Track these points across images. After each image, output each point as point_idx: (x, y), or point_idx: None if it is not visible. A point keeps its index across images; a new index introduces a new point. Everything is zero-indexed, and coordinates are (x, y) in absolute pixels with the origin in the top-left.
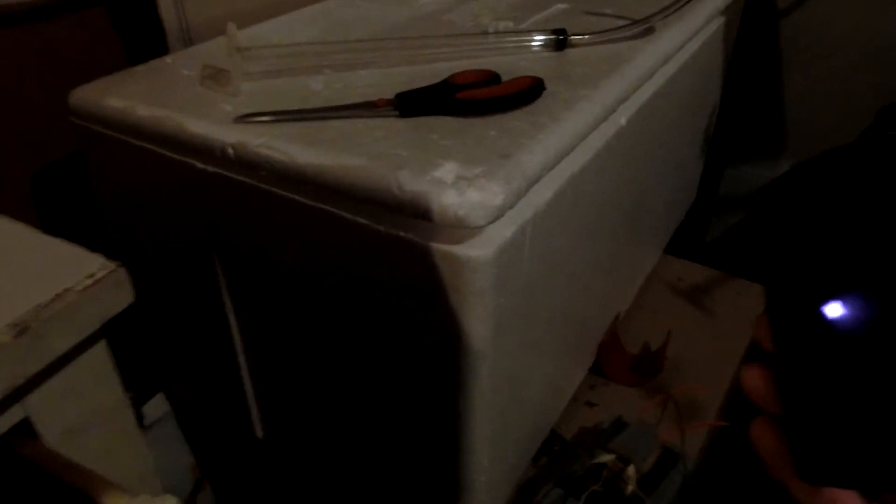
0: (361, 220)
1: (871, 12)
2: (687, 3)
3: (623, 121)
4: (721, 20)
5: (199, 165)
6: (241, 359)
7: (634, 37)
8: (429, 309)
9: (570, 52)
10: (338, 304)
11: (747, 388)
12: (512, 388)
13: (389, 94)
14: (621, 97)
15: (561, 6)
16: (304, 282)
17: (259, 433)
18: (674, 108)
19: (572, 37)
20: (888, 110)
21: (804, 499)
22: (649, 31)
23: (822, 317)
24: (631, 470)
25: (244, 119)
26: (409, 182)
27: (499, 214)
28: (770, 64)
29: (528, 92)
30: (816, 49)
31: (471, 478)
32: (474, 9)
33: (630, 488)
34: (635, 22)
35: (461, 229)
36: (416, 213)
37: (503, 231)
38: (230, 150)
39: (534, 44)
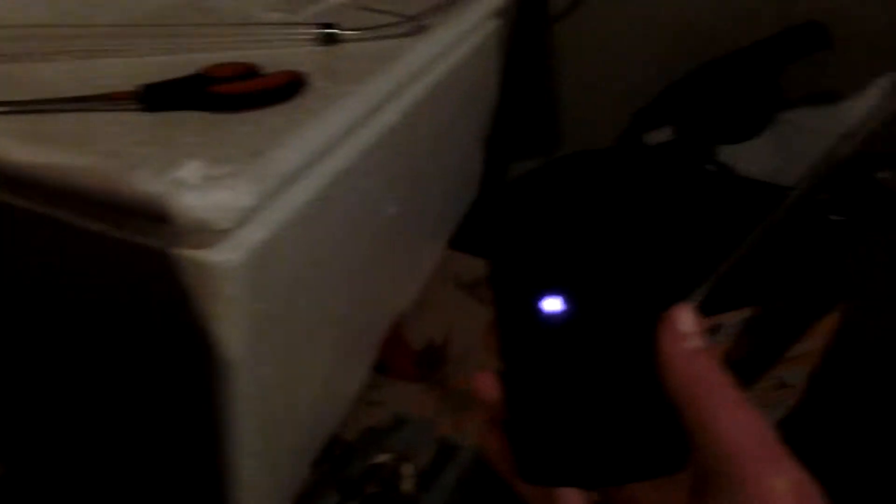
0: (93, 226)
1: (634, 22)
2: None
3: (394, 118)
4: (495, 22)
5: None
6: None
7: (405, 34)
8: (179, 320)
9: (338, 47)
10: (81, 318)
11: (476, 392)
12: (279, 398)
13: (133, 86)
14: (388, 94)
15: (338, 0)
16: (39, 296)
17: None
18: (448, 106)
19: (341, 32)
20: (642, 113)
21: (529, 499)
22: (421, 29)
23: (538, 311)
24: (407, 467)
25: None
26: (146, 183)
27: (248, 216)
28: (545, 65)
29: (286, 87)
30: (586, 53)
31: (236, 496)
32: None
33: (408, 486)
34: (406, 19)
35: (207, 233)
36: (154, 216)
37: (256, 233)
38: None
39: (301, 37)
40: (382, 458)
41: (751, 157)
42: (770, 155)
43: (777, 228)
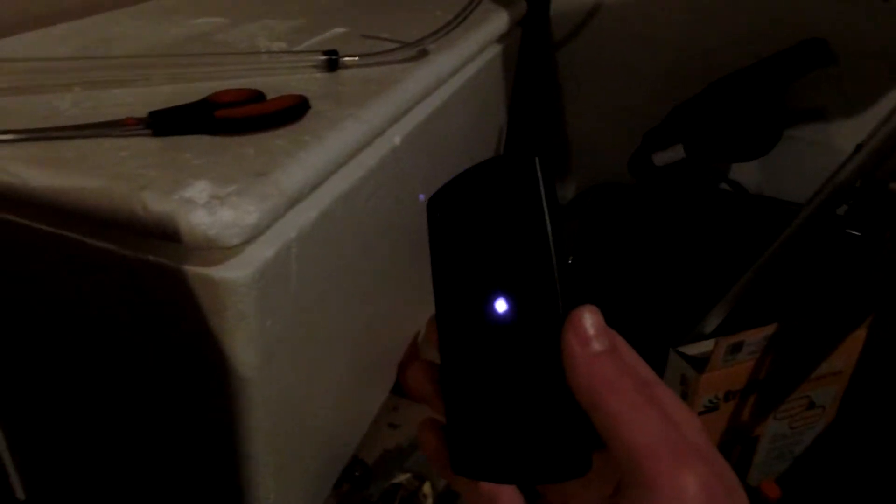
0: (107, 247)
1: (638, 43)
2: (456, 26)
3: (397, 140)
4: (497, 47)
5: None
6: None
7: (406, 59)
8: (190, 337)
9: (341, 73)
10: (96, 339)
11: (408, 386)
12: (296, 417)
13: (144, 114)
14: (391, 117)
15: (339, 30)
16: (54, 318)
17: (20, 494)
18: (453, 129)
19: (344, 58)
20: (652, 134)
21: (466, 495)
22: (422, 54)
23: (481, 309)
24: (427, 487)
25: None
26: (155, 202)
27: (254, 234)
28: (551, 90)
29: (290, 110)
30: (592, 76)
31: None
32: (251, 30)
33: None
34: (407, 45)
35: (215, 250)
36: (164, 234)
37: (264, 251)
38: None
39: (305, 64)
40: (402, 478)
41: (762, 175)
42: (781, 171)
43: (794, 244)
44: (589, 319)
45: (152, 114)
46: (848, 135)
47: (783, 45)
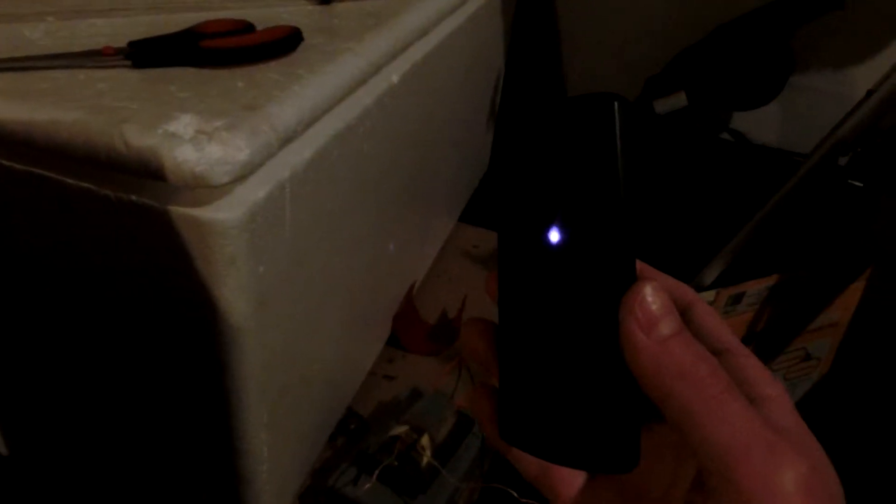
0: (86, 185)
1: None
2: None
3: (395, 78)
4: None
5: None
6: None
7: None
8: (178, 284)
9: (336, 6)
10: (78, 287)
11: (465, 344)
12: (290, 368)
13: (123, 44)
14: (389, 53)
15: None
16: (33, 263)
17: (3, 450)
18: (451, 70)
19: None
20: (654, 80)
21: (517, 465)
22: None
23: (543, 244)
24: (425, 439)
25: None
26: (136, 137)
27: (245, 172)
28: (552, 32)
29: (282, 42)
30: (594, 19)
31: (251, 469)
32: None
33: (425, 458)
34: None
35: (203, 189)
36: (147, 172)
37: (255, 191)
38: None
39: None
40: (399, 430)
41: (764, 124)
42: (784, 120)
43: (795, 195)
44: (653, 297)
45: (132, 43)
46: (855, 83)
47: None
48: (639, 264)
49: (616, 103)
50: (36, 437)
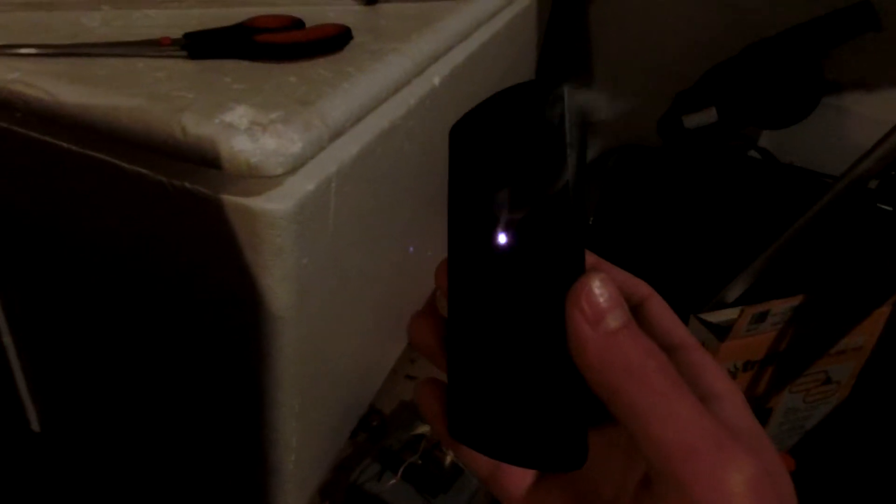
0: (140, 170)
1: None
2: None
3: (436, 81)
4: None
5: None
6: (7, 340)
7: None
8: (224, 270)
9: (381, 6)
10: (121, 269)
11: (411, 336)
12: (321, 361)
13: (178, 35)
14: (432, 54)
15: None
16: (80, 245)
17: (35, 427)
18: (487, 75)
19: None
20: (684, 95)
21: (464, 462)
22: None
23: (491, 260)
24: None
25: None
26: (195, 125)
27: (297, 164)
28: (583, 42)
29: (333, 39)
30: (626, 31)
31: (278, 459)
32: None
33: (449, 458)
34: None
35: (255, 179)
36: (203, 160)
37: (304, 184)
38: None
39: None
40: (423, 428)
41: (793, 143)
42: (813, 140)
43: (824, 216)
44: (600, 289)
45: (188, 35)
46: (889, 106)
47: (828, 9)
48: (593, 258)
49: (565, 89)
50: (68, 414)
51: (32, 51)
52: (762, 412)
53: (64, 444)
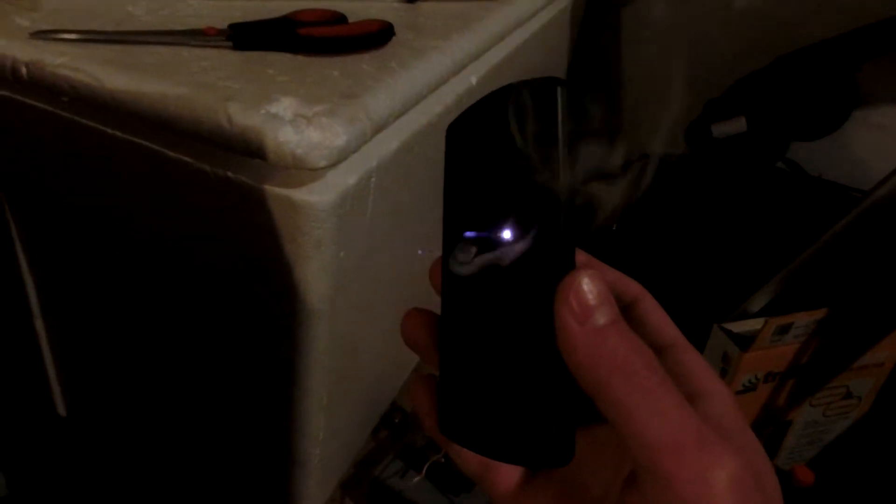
0: (185, 159)
1: (708, 8)
2: None
3: (473, 80)
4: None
5: None
6: (39, 324)
7: None
8: (263, 261)
9: (420, 5)
10: (159, 256)
11: (406, 335)
12: (351, 355)
13: (222, 25)
14: (472, 53)
15: None
16: (119, 230)
17: (62, 411)
18: (521, 76)
19: None
20: (713, 104)
21: (455, 460)
22: None
23: (484, 252)
24: None
25: (43, 35)
26: (240, 115)
27: (340, 157)
28: (614, 48)
29: (375, 35)
30: (656, 37)
31: (304, 451)
32: None
33: None
34: None
35: (299, 171)
36: (248, 150)
37: (346, 177)
38: (23, 70)
39: None
40: None
41: (822, 156)
42: (843, 154)
43: (851, 231)
44: (589, 286)
45: (233, 26)
46: None
47: (862, 22)
48: (584, 257)
49: (559, 88)
50: (95, 400)
51: (77, 36)
52: (782, 424)
53: (89, 429)
